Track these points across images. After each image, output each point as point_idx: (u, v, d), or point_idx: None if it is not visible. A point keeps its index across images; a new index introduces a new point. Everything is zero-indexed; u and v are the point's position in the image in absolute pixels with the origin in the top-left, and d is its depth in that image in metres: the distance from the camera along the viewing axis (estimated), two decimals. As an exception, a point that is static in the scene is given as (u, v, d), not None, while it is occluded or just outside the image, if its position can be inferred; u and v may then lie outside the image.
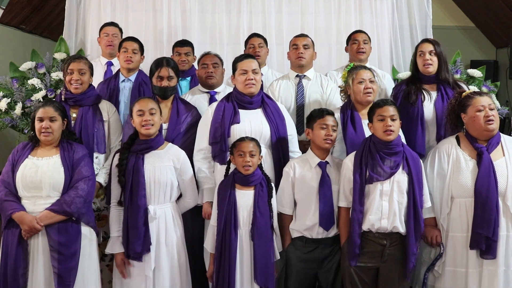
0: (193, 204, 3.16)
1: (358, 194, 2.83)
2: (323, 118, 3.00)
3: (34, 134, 2.97)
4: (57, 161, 2.91)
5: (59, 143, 2.98)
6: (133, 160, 2.97)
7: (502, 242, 2.85)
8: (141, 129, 2.99)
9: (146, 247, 2.91)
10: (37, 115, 2.94)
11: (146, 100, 3.08)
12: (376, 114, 2.88)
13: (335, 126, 3.02)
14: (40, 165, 2.88)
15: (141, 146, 3.01)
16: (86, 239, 2.92)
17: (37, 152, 2.95)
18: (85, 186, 2.89)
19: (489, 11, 5.94)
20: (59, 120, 2.96)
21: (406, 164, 2.86)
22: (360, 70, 3.23)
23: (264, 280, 2.88)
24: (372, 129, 2.93)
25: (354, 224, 2.83)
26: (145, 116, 2.98)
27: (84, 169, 2.92)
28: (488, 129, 2.90)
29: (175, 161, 3.04)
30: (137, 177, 2.93)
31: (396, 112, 2.89)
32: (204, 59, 3.78)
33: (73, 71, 3.32)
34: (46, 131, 2.91)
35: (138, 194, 2.92)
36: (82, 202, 2.86)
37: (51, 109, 2.95)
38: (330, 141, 2.98)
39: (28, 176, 2.85)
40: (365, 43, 4.09)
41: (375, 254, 2.86)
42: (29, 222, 2.77)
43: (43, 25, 5.73)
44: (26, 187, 2.85)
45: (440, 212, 2.99)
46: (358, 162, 2.87)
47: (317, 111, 3.07)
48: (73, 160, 2.92)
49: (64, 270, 2.79)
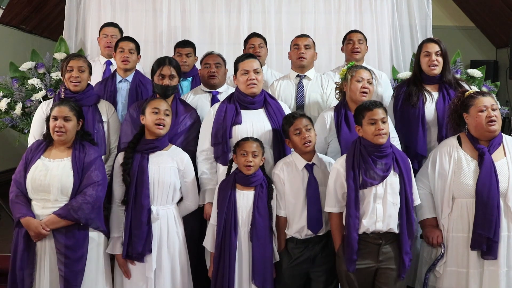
0: (194, 208, 3.16)
1: (354, 200, 2.79)
2: (295, 122, 2.96)
3: (48, 133, 2.96)
4: (67, 165, 2.89)
5: (72, 144, 2.95)
6: (138, 159, 2.96)
7: (503, 243, 2.85)
8: (153, 127, 2.97)
9: (147, 247, 2.91)
10: (52, 113, 2.93)
11: (162, 100, 3.09)
12: (366, 118, 2.83)
13: (308, 126, 2.96)
14: (50, 168, 2.86)
15: (147, 145, 3.00)
16: (94, 242, 2.91)
17: (50, 153, 2.93)
18: (93, 191, 2.86)
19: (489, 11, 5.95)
20: (74, 120, 2.94)
21: (396, 165, 2.84)
22: (360, 69, 3.22)
23: (262, 281, 2.88)
24: (361, 132, 2.88)
25: (352, 231, 2.79)
26: (160, 115, 2.98)
27: (94, 173, 2.89)
28: (490, 130, 2.90)
29: (179, 163, 3.03)
30: (142, 176, 2.93)
31: (385, 114, 2.86)
32: (206, 59, 3.78)
33: (73, 68, 3.30)
34: (59, 130, 2.89)
35: (143, 194, 2.91)
36: (90, 208, 2.84)
37: (66, 109, 2.93)
38: (309, 143, 2.94)
39: (38, 179, 2.84)
40: (360, 43, 4.08)
41: (371, 254, 2.85)
42: (34, 228, 2.78)
43: (43, 25, 5.73)
44: (35, 190, 2.84)
45: (441, 212, 2.99)
46: (350, 167, 2.83)
47: (290, 116, 3.03)
48: (83, 163, 2.89)
49: (70, 273, 2.79)
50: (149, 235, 2.91)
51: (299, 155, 3.00)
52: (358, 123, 2.89)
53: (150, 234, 2.91)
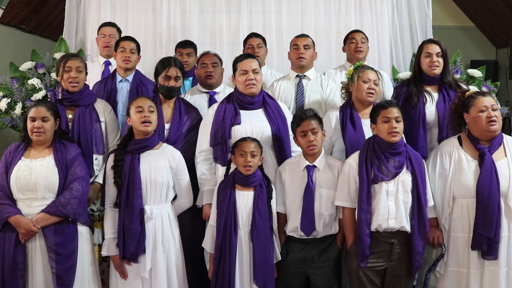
0: (188, 205, 3.14)
1: (366, 194, 2.83)
2: (302, 124, 2.96)
3: (26, 134, 2.96)
4: (51, 162, 2.90)
5: (52, 143, 2.96)
6: (129, 160, 2.95)
7: (504, 243, 2.85)
8: (140, 126, 2.96)
9: (141, 247, 2.89)
10: (29, 114, 2.93)
11: (144, 98, 3.08)
12: (381, 116, 2.88)
13: (316, 129, 2.96)
14: (34, 167, 2.87)
15: (137, 145, 2.98)
16: (83, 237, 2.94)
17: (30, 153, 2.94)
18: (79, 186, 2.88)
19: (489, 11, 5.94)
20: (51, 120, 2.95)
21: (409, 164, 2.87)
22: (367, 70, 3.24)
23: (263, 281, 2.88)
24: (375, 130, 2.92)
25: (363, 225, 2.82)
26: (144, 112, 2.96)
27: (78, 169, 2.92)
28: (490, 130, 2.90)
29: (171, 160, 3.02)
30: (133, 177, 2.91)
31: (400, 113, 2.90)
32: (203, 58, 3.78)
33: (71, 68, 3.28)
34: (38, 131, 2.89)
35: (135, 194, 2.90)
36: (77, 203, 2.86)
37: (43, 109, 2.94)
38: (313, 146, 2.94)
39: (23, 178, 2.84)
40: (363, 43, 4.09)
41: (383, 254, 2.86)
42: (25, 225, 2.77)
43: (43, 25, 5.72)
44: (20, 189, 2.84)
45: (441, 212, 2.99)
46: (363, 162, 2.87)
47: (299, 116, 3.02)
48: (66, 160, 2.91)
49: (62, 270, 2.81)
50: (142, 235, 2.89)
51: (304, 155, 3.02)
52: (373, 121, 2.93)
53: (143, 234, 2.89)
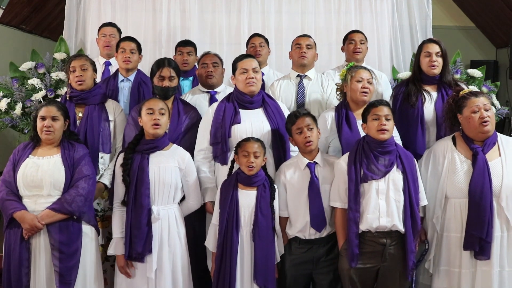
0: (196, 207, 3.15)
1: (354, 193, 2.83)
2: (297, 122, 2.98)
3: (35, 133, 2.98)
4: (58, 160, 2.92)
5: (60, 143, 2.99)
6: (138, 160, 2.96)
7: (496, 243, 2.84)
8: (150, 128, 2.97)
9: (148, 247, 2.90)
10: (40, 113, 2.96)
11: (157, 100, 3.09)
12: (371, 114, 2.89)
13: (311, 125, 2.98)
14: (41, 164, 2.90)
15: (147, 145, 2.99)
16: (88, 237, 2.94)
17: (38, 151, 2.97)
18: (85, 185, 2.90)
19: (489, 11, 5.95)
20: (61, 120, 2.98)
21: (400, 163, 2.87)
22: (360, 69, 3.25)
23: (264, 281, 2.88)
24: (366, 129, 2.93)
25: (351, 224, 2.82)
26: (155, 115, 2.97)
27: (85, 168, 2.94)
28: (483, 131, 2.89)
29: (180, 162, 3.03)
30: (142, 176, 2.92)
31: (390, 112, 2.90)
32: (204, 58, 3.79)
33: (75, 68, 3.34)
34: (48, 129, 2.92)
35: (142, 194, 2.91)
36: (83, 200, 2.88)
37: (53, 108, 2.97)
38: (310, 142, 2.95)
39: (29, 175, 2.86)
40: (361, 43, 4.09)
41: (375, 254, 2.86)
42: (30, 220, 2.79)
43: (43, 25, 5.73)
44: (27, 186, 2.86)
45: (432, 212, 2.99)
46: (352, 161, 2.87)
47: (293, 114, 3.05)
48: (73, 159, 2.94)
49: (65, 268, 2.82)
50: (149, 235, 2.90)
51: (302, 154, 3.02)
52: (364, 120, 2.94)
53: (150, 234, 2.90)
